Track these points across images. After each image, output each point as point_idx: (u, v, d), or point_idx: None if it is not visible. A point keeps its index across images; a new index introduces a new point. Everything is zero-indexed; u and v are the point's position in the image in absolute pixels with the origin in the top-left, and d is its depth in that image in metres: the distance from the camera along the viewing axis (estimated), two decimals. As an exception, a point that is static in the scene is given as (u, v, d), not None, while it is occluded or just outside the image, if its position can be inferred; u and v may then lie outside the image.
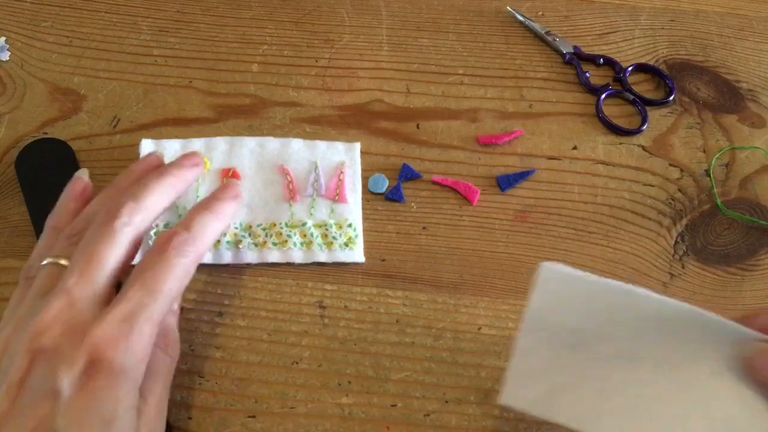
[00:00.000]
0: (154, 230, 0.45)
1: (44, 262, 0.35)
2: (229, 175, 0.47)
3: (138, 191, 0.37)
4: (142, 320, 0.32)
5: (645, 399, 0.33)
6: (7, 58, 0.54)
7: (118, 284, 0.35)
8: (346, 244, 0.45)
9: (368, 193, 0.48)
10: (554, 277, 0.34)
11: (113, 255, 0.34)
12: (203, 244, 0.36)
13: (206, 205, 0.38)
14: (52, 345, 0.31)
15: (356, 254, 0.45)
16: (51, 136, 0.49)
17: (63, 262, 0.35)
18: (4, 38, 0.55)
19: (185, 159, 0.42)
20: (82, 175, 0.42)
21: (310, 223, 0.46)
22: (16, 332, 0.32)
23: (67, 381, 0.30)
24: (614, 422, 0.33)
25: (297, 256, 0.45)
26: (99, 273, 0.33)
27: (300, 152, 0.48)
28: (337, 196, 0.47)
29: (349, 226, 0.46)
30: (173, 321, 0.38)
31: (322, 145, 0.49)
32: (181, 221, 0.37)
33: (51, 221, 0.40)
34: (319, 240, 0.45)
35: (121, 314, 0.31)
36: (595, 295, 0.33)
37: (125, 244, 0.34)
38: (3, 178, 0.48)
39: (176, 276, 0.34)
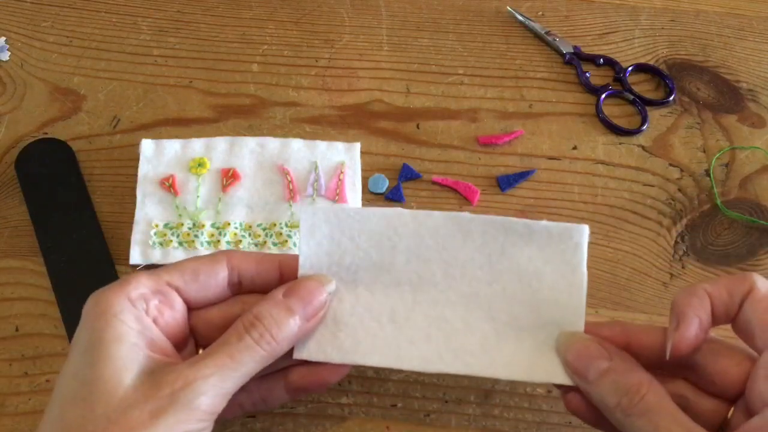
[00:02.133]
0: (154, 230, 0.45)
1: None
2: (229, 175, 0.47)
3: None
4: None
5: (435, 318, 0.34)
6: (7, 58, 0.54)
7: None
8: None
9: (368, 193, 0.48)
10: (317, 219, 0.34)
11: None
12: None
13: None
14: None
15: None
16: (51, 136, 0.49)
17: None
18: (4, 38, 0.55)
19: None
20: None
21: (310, 223, 0.46)
22: None
23: None
24: (413, 350, 0.34)
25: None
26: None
27: (300, 152, 0.48)
28: (337, 196, 0.47)
29: None
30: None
31: (322, 145, 0.49)
32: None
33: None
34: (319, 240, 0.45)
35: None
36: (361, 226, 0.34)
37: None
38: (3, 178, 0.48)
39: None
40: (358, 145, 0.49)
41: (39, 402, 0.40)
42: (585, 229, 0.34)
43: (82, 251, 0.45)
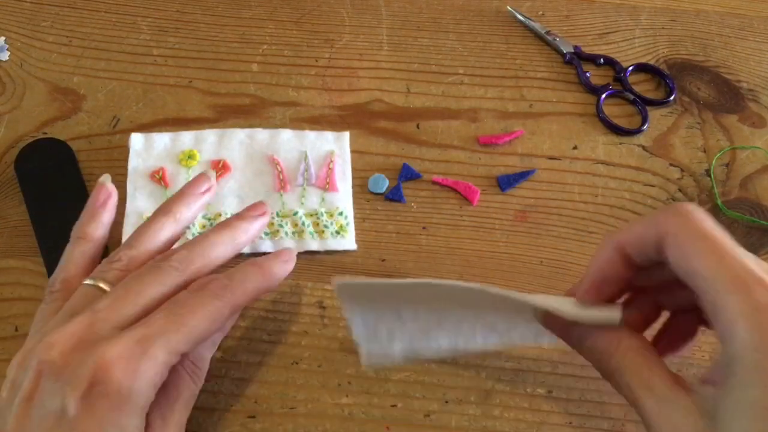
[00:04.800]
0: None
1: (86, 282, 0.35)
2: (219, 167, 0.47)
3: (196, 243, 0.36)
4: (158, 345, 0.30)
5: (456, 329, 0.39)
6: (7, 58, 0.54)
7: None
8: (338, 232, 0.45)
9: (368, 193, 0.48)
10: (350, 289, 0.37)
11: (154, 292, 0.33)
12: (241, 295, 0.35)
13: (256, 262, 0.37)
14: (60, 360, 0.30)
15: (348, 242, 0.45)
16: (51, 136, 0.49)
17: (103, 286, 0.34)
18: (3, 38, 0.55)
19: (250, 210, 0.39)
20: (106, 182, 0.41)
21: (301, 212, 0.46)
22: (35, 346, 0.31)
23: (71, 400, 0.29)
24: (442, 340, 0.39)
25: (288, 245, 0.45)
26: (132, 304, 0.32)
27: (289, 142, 0.49)
28: (327, 184, 0.47)
29: (340, 214, 0.46)
30: (208, 353, 0.37)
31: (311, 134, 0.49)
32: (227, 271, 0.36)
33: (78, 231, 0.39)
34: (311, 229, 0.45)
35: (136, 336, 0.30)
36: (389, 292, 0.37)
37: (170, 286, 0.34)
38: (3, 178, 0.48)
39: (205, 314, 0.33)
40: (347, 134, 0.49)
41: (38, 402, 0.40)
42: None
43: (82, 251, 0.45)
